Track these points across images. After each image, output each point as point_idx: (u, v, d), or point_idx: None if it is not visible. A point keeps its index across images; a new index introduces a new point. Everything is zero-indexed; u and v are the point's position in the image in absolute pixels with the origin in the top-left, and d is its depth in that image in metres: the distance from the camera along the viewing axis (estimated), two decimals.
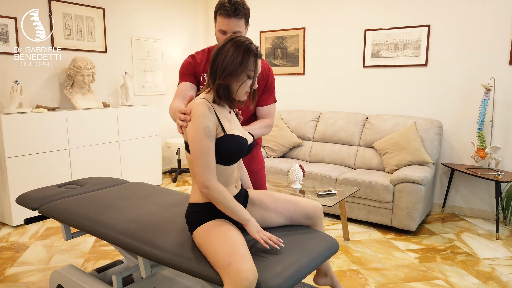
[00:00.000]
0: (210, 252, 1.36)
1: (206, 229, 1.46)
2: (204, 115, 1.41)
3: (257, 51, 1.49)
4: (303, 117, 4.41)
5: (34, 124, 3.44)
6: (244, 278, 1.21)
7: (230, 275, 1.24)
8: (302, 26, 4.64)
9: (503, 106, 3.54)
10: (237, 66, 1.44)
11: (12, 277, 2.55)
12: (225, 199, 1.43)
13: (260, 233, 1.44)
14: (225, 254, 1.30)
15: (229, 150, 1.47)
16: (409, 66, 3.98)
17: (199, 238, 1.46)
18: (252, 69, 1.47)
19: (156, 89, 5.09)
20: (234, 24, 1.75)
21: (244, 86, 1.48)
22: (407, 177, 3.21)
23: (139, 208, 1.95)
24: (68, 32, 4.04)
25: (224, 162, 1.50)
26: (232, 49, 1.45)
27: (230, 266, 1.26)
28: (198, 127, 1.41)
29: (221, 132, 1.47)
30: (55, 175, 3.60)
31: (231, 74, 1.45)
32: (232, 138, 1.48)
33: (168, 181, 4.99)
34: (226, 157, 1.48)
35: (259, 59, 1.50)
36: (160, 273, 2.15)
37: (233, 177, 1.57)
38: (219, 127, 1.47)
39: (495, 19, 3.49)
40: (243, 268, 1.23)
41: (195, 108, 1.43)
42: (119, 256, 2.84)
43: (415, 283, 2.48)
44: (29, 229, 3.37)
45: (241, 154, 1.53)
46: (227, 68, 1.44)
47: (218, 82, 1.46)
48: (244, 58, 1.44)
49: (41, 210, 2.05)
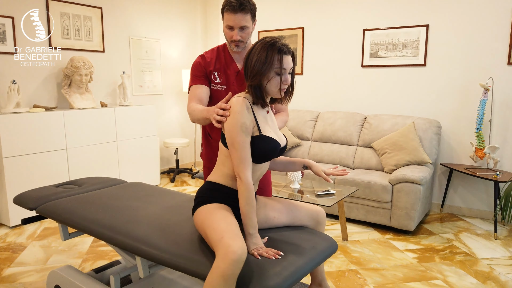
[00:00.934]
0: (209, 228, 1.43)
1: (211, 208, 1.53)
2: (241, 112, 1.48)
3: (283, 47, 1.51)
4: (302, 117, 4.40)
5: (31, 124, 3.43)
6: (233, 252, 1.27)
7: (221, 248, 1.31)
8: (300, 25, 4.64)
9: (502, 106, 3.54)
10: (262, 64, 1.49)
11: (10, 277, 2.54)
12: (249, 198, 1.48)
13: (258, 250, 1.45)
14: (221, 230, 1.38)
15: (262, 150, 1.53)
16: (407, 66, 3.98)
17: (202, 214, 1.52)
18: (277, 65, 1.49)
19: (154, 89, 5.08)
20: (240, 19, 1.77)
21: (274, 82, 1.52)
22: (405, 177, 3.21)
23: (137, 208, 1.94)
24: (66, 32, 4.03)
25: (254, 160, 1.55)
26: (258, 48, 1.52)
27: (222, 240, 1.33)
28: (236, 123, 1.48)
29: (256, 131, 1.53)
30: (52, 175, 3.59)
31: (258, 73, 1.50)
32: (266, 139, 1.54)
33: (166, 181, 4.98)
34: (258, 156, 1.54)
35: (286, 55, 1.51)
36: (158, 273, 2.14)
37: (257, 177, 1.63)
38: (255, 126, 1.53)
39: (493, 19, 3.50)
40: (233, 243, 1.30)
41: (234, 105, 1.50)
42: (117, 257, 2.83)
43: (414, 283, 2.48)
44: (26, 229, 3.35)
45: (273, 156, 1.60)
46: (255, 67, 1.51)
47: (249, 84, 1.54)
48: (269, 55, 1.49)
49: (38, 210, 2.04)
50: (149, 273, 1.73)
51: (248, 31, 1.83)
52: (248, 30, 1.83)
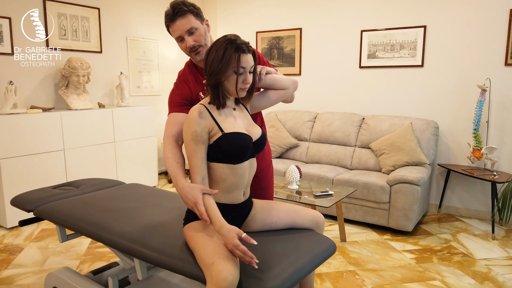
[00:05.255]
0: (198, 248, 1.38)
1: (201, 225, 1.48)
2: (192, 120, 1.44)
3: (242, 45, 1.43)
4: (300, 118, 4.41)
5: (28, 125, 3.41)
6: (224, 278, 1.23)
7: (212, 274, 1.26)
8: (298, 26, 4.64)
9: (499, 107, 3.55)
10: (219, 63, 1.42)
11: (7, 279, 2.52)
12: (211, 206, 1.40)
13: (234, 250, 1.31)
14: (211, 252, 1.32)
15: (230, 148, 1.45)
16: (405, 66, 3.99)
17: (192, 232, 1.47)
18: (235, 64, 1.42)
19: (152, 90, 5.07)
20: (182, 24, 1.63)
21: (232, 82, 1.45)
22: (403, 178, 3.21)
23: (135, 209, 1.94)
24: (63, 32, 4.01)
25: (230, 161, 1.48)
26: (217, 46, 1.44)
27: (213, 265, 1.27)
28: (187, 131, 1.46)
29: (218, 132, 1.46)
30: (49, 176, 3.57)
31: (214, 71, 1.44)
32: (230, 136, 1.46)
33: (163, 182, 4.97)
34: (230, 155, 1.46)
35: (245, 54, 1.43)
36: (156, 275, 2.14)
37: (244, 181, 1.54)
38: (215, 127, 1.46)
39: (490, 19, 3.51)
40: (224, 268, 1.25)
41: (188, 114, 1.48)
42: (114, 258, 2.82)
43: (412, 283, 2.48)
44: (23, 231, 3.34)
45: (246, 151, 1.49)
46: (211, 66, 1.44)
47: (206, 83, 1.49)
48: (226, 54, 1.41)
49: (36, 212, 2.03)
50: (147, 275, 1.73)
51: (199, 32, 1.67)
52: (199, 32, 1.67)
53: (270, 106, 1.73)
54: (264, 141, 1.60)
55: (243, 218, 1.61)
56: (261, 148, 1.59)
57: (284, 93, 1.69)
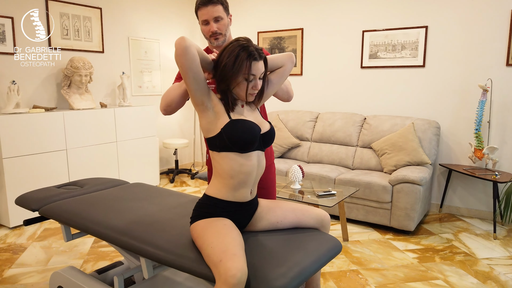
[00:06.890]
0: (206, 246, 1.38)
1: (208, 223, 1.48)
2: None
3: (254, 52, 1.44)
4: (301, 118, 4.41)
5: (31, 124, 3.42)
6: (232, 276, 1.23)
7: (220, 272, 1.27)
8: (300, 26, 4.65)
9: (500, 107, 3.57)
10: (230, 69, 1.44)
11: (11, 278, 2.53)
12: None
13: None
14: (219, 250, 1.33)
15: (238, 133, 1.46)
16: (406, 67, 4.00)
17: (199, 229, 1.48)
18: (246, 71, 1.44)
19: (153, 90, 5.07)
20: (212, 11, 1.78)
21: (242, 87, 1.47)
22: (405, 178, 3.22)
23: (140, 209, 1.94)
24: (65, 32, 4.02)
25: (239, 149, 1.48)
26: (229, 50, 1.46)
27: (221, 263, 1.28)
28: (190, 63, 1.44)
29: (226, 119, 1.48)
30: (52, 176, 3.58)
31: (225, 77, 1.46)
32: (238, 122, 1.47)
33: (165, 182, 4.98)
34: (237, 142, 1.46)
35: (256, 61, 1.45)
36: (162, 274, 2.14)
37: (252, 178, 1.55)
38: (224, 115, 1.48)
39: (492, 20, 3.52)
40: (232, 265, 1.25)
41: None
42: (118, 257, 2.83)
43: (415, 283, 2.49)
44: (26, 230, 3.34)
45: (253, 139, 1.49)
46: (223, 71, 1.46)
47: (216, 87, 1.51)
48: (238, 61, 1.43)
49: (41, 211, 2.04)
50: (153, 273, 1.73)
51: (223, 22, 1.81)
52: (224, 22, 1.81)
53: (275, 90, 1.69)
54: (273, 135, 1.61)
55: (250, 217, 1.62)
56: (270, 142, 1.60)
57: (282, 71, 1.65)
